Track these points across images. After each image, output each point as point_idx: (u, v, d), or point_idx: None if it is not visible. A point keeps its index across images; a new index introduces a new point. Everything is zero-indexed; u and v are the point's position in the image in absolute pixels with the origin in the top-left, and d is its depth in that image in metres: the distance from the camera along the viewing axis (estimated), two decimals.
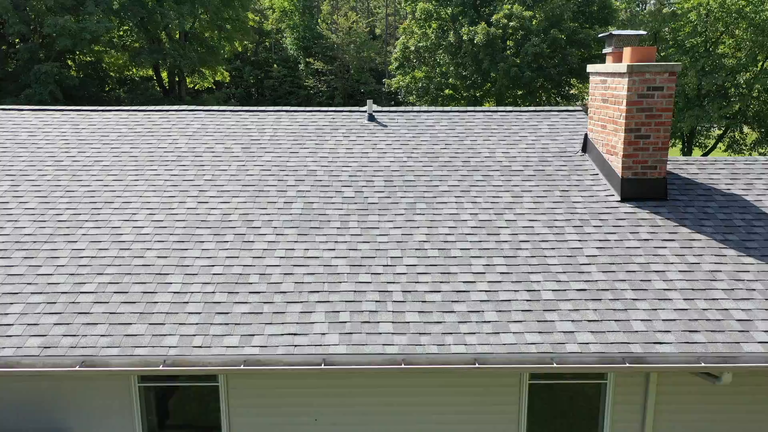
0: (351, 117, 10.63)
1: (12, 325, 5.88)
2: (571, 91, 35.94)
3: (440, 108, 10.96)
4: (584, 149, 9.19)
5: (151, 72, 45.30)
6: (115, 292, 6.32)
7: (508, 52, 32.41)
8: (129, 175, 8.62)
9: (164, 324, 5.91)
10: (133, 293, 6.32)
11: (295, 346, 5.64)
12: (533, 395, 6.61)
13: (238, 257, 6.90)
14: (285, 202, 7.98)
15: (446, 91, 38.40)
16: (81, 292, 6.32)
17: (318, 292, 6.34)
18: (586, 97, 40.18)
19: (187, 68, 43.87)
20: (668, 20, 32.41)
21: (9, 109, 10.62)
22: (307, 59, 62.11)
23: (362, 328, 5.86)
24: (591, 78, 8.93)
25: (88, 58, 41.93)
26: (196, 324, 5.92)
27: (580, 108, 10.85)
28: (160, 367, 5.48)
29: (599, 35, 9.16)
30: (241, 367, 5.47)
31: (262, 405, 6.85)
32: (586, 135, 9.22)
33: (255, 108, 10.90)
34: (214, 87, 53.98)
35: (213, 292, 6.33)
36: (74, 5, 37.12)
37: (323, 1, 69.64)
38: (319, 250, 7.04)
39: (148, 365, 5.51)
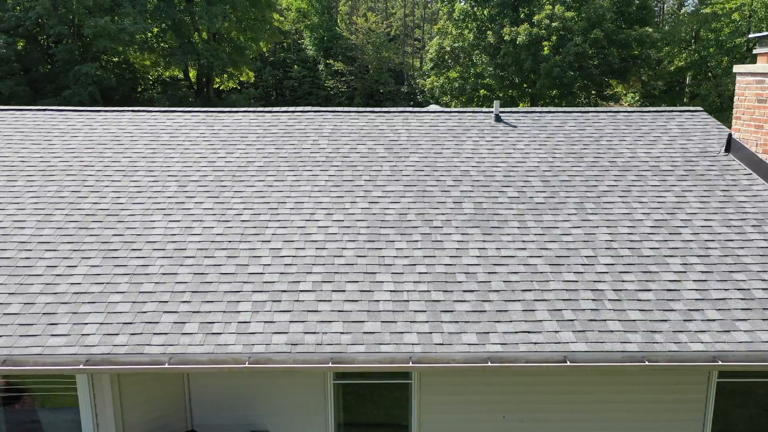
0: (477, 118, 10.75)
1: (250, 322, 6.00)
2: (609, 92, 36.00)
3: (560, 109, 11.08)
4: (728, 149, 9.30)
5: (177, 72, 45.40)
6: (333, 291, 6.44)
7: (546, 51, 32.50)
8: (288, 176, 8.74)
9: (396, 322, 6.03)
10: (350, 291, 6.44)
11: (535, 343, 5.76)
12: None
13: (434, 257, 7.02)
14: (454, 202, 8.11)
15: (481, 92, 38.52)
16: (300, 291, 6.45)
17: (531, 290, 6.46)
18: (624, 98, 40.12)
19: (218, 68, 44.02)
20: (710, 20, 32.49)
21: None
22: (327, 60, 62.25)
23: (591, 326, 5.98)
24: (740, 78, 9.04)
25: (115, 59, 41.98)
26: (427, 322, 6.04)
27: (700, 108, 10.97)
28: (410, 364, 5.60)
29: (752, 35, 9.25)
30: (487, 364, 5.59)
31: (450, 402, 6.99)
32: (730, 135, 9.33)
33: (378, 109, 11.02)
34: (239, 87, 54.15)
35: (428, 291, 6.45)
36: (111, 6, 37.26)
37: (341, 1, 69.81)
38: (511, 249, 7.16)
39: (394, 362, 5.63)
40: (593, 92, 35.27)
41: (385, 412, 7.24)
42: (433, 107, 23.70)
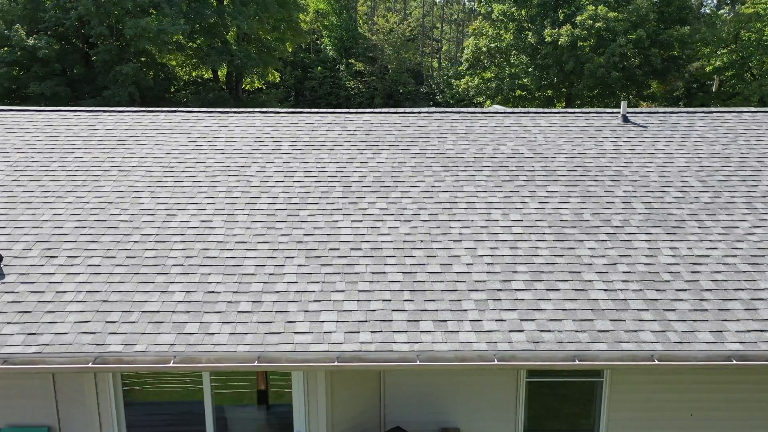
0: (604, 118, 10.84)
1: (481, 320, 6.11)
2: (648, 92, 36.05)
3: (684, 109, 11.16)
4: None
5: (204, 72, 45.53)
6: (547, 290, 6.54)
7: (586, 51, 32.57)
8: (445, 176, 8.84)
9: (624, 320, 6.13)
10: (565, 290, 6.54)
11: None
12: None
13: (630, 256, 7.12)
14: (623, 203, 8.20)
15: (517, 92, 38.62)
16: (515, 290, 6.55)
17: (743, 289, 6.56)
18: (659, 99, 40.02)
19: (251, 69, 44.20)
20: (753, 20, 32.52)
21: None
22: (349, 60, 62.38)
23: None
24: None
25: (151, 60, 42.12)
26: (655, 320, 6.14)
27: None
28: (654, 362, 5.69)
29: None
30: (731, 362, 5.69)
31: (639, 400, 7.09)
32: None
33: (502, 109, 11.13)
34: (264, 87, 54.29)
35: (641, 290, 6.56)
36: (150, 6, 37.39)
37: (359, 1, 69.89)
38: (702, 249, 7.26)
39: (635, 359, 5.73)
40: (632, 92, 35.31)
41: (571, 409, 7.34)
42: (495, 107, 23.79)
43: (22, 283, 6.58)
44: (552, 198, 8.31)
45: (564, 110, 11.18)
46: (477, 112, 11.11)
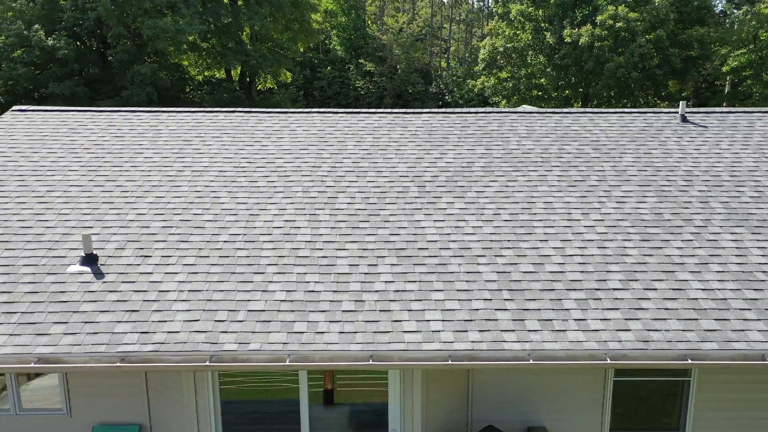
0: (662, 118, 10.88)
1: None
2: (666, 92, 36.06)
3: (740, 109, 11.19)
4: None
5: (217, 72, 45.60)
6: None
7: (607, 51, 32.59)
8: (517, 176, 8.88)
9: (748, 320, 6.18)
10: (663, 290, 6.58)
11: None
12: None
13: (720, 255, 7.16)
14: (701, 202, 8.24)
15: (533, 92, 38.67)
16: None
17: None
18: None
19: (266, 69, 44.27)
20: None
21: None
22: (359, 60, 62.45)
23: None
24: None
25: (168, 60, 42.21)
26: (755, 320, 6.19)
27: None
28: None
29: None
30: None
31: (727, 399, 7.12)
32: None
33: (561, 110, 11.17)
34: (275, 87, 54.34)
35: (740, 289, 6.59)
36: (168, 6, 37.43)
37: (367, 1, 69.96)
38: None
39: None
40: (650, 92, 35.33)
41: (656, 408, 7.37)
42: (524, 107, 23.84)
43: (123, 282, 6.62)
44: (628, 198, 8.35)
45: (621, 110, 11.20)
46: (534, 113, 11.15)
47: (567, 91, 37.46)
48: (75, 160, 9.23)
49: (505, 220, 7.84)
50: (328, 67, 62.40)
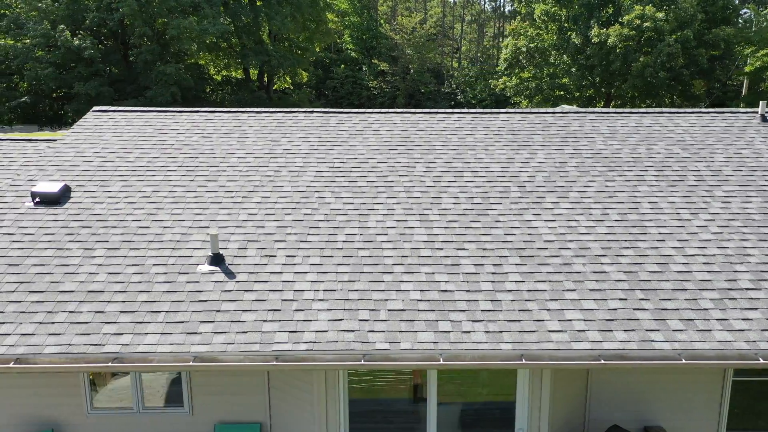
0: (741, 118, 10.89)
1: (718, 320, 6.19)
2: (692, 92, 36.05)
3: None
4: None
5: (234, 72, 45.68)
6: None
7: (633, 51, 32.61)
8: (613, 176, 8.90)
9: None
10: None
11: None
12: None
13: None
14: None
15: (556, 92, 38.69)
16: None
17: None
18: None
19: (286, 68, 44.36)
20: None
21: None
22: (372, 60, 62.52)
23: None
24: None
25: (191, 60, 42.33)
26: None
27: None
28: None
29: None
30: None
31: None
32: None
33: (636, 110, 11.19)
34: (291, 87, 54.41)
35: None
36: (192, 6, 37.48)
37: (378, 1, 70.00)
38: None
39: None
40: (676, 93, 35.32)
41: None
42: (563, 107, 23.84)
43: (255, 282, 6.66)
44: (732, 198, 8.38)
45: (698, 110, 11.21)
46: (611, 113, 11.17)
47: (590, 91, 37.48)
48: (170, 160, 9.27)
49: (616, 220, 7.87)
50: (342, 66, 62.45)
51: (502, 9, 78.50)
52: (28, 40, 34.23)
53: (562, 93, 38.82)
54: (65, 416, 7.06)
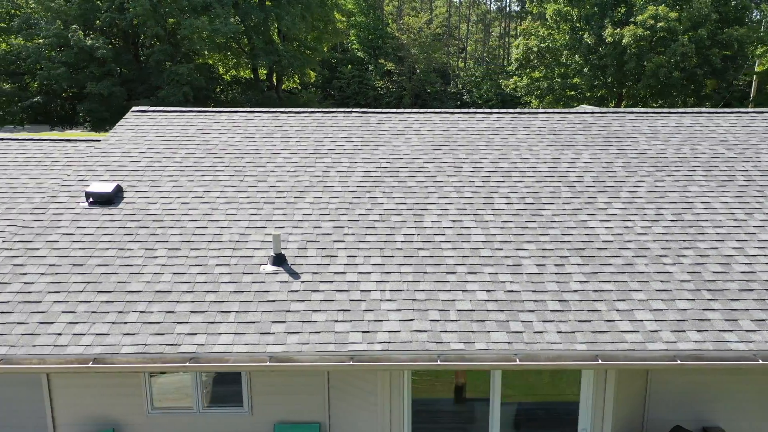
0: None
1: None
2: (705, 92, 36.04)
3: None
4: None
5: (241, 72, 45.72)
6: None
7: (647, 51, 32.60)
8: (662, 177, 8.89)
9: None
10: None
11: None
12: None
13: None
14: None
15: (567, 92, 38.68)
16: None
17: None
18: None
19: (296, 69, 44.38)
20: None
21: (426, 113, 10.96)
22: (378, 60, 62.58)
23: None
24: None
25: (200, 60, 42.38)
26: None
27: None
28: None
29: None
30: None
31: None
32: None
33: (674, 110, 11.18)
34: (299, 87, 54.44)
35: None
36: (204, 6, 37.47)
37: (384, 1, 70.03)
38: None
39: None
40: (689, 92, 35.30)
41: None
42: (583, 107, 23.80)
43: (321, 282, 6.66)
44: None
45: (737, 110, 11.20)
46: (650, 113, 11.16)
47: (602, 91, 37.47)
48: (217, 160, 9.26)
49: (671, 221, 7.86)
50: (349, 66, 62.49)
51: (507, 9, 78.50)
52: (41, 40, 34.22)
53: (573, 93, 38.82)
54: (126, 416, 7.07)
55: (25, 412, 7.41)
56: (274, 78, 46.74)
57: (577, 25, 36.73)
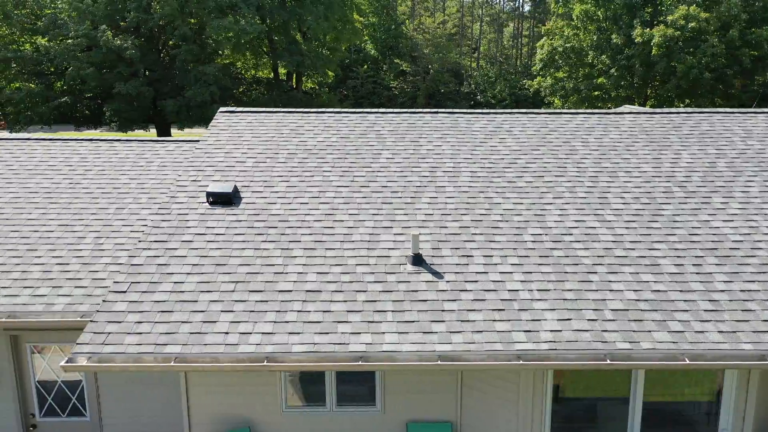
0: None
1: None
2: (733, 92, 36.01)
3: None
4: None
5: (261, 71, 45.76)
6: None
7: (677, 52, 32.59)
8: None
9: None
10: None
11: None
12: None
13: None
14: None
15: (593, 92, 38.68)
16: None
17: None
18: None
19: (319, 68, 44.46)
20: None
21: (512, 113, 10.96)
22: (394, 60, 62.66)
23: None
24: None
25: (226, 60, 42.46)
26: None
27: None
28: None
29: None
30: None
31: None
32: None
33: (752, 110, 11.17)
34: (317, 87, 54.48)
35: None
36: (230, 6, 37.49)
37: (397, 1, 70.07)
38: None
39: None
40: (718, 93, 35.28)
41: None
42: (625, 108, 23.77)
43: (466, 281, 6.67)
44: None
45: None
46: (736, 113, 11.14)
47: (629, 92, 37.46)
48: (321, 161, 9.27)
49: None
50: (365, 66, 62.56)
51: (520, 9, 78.55)
52: (69, 41, 34.26)
53: (597, 93, 38.83)
54: (260, 415, 7.08)
55: (162, 412, 7.44)
56: (294, 78, 46.79)
57: (604, 25, 36.75)
